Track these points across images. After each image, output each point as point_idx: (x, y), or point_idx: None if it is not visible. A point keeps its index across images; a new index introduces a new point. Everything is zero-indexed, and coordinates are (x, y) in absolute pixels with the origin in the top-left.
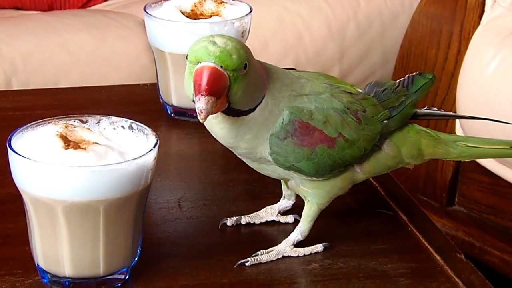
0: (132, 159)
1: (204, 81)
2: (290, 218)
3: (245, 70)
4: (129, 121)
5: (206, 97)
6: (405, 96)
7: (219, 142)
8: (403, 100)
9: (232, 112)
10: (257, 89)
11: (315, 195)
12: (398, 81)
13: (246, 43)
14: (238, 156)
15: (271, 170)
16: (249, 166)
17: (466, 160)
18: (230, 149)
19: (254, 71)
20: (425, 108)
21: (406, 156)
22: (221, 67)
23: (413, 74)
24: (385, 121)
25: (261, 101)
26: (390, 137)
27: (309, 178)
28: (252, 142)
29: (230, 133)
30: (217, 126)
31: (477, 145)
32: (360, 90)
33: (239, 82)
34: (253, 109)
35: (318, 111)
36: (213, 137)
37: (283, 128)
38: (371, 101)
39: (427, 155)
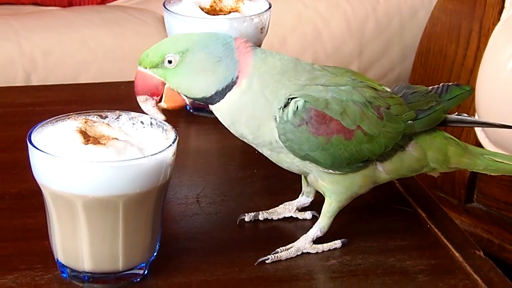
0: (151, 155)
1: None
2: (308, 215)
3: (172, 64)
4: (148, 116)
5: (138, 97)
6: (436, 102)
7: (237, 138)
8: (433, 105)
9: (203, 100)
10: (211, 74)
11: (334, 191)
12: (431, 87)
13: (265, 40)
14: (258, 149)
15: (290, 162)
16: (267, 162)
17: (493, 174)
18: (250, 144)
19: (201, 59)
20: (456, 114)
21: (432, 160)
22: (145, 68)
23: (449, 83)
24: (409, 122)
25: (235, 82)
26: (416, 139)
27: (327, 170)
28: (251, 123)
29: (228, 119)
30: (219, 115)
31: (504, 161)
32: (388, 90)
33: (175, 75)
34: (223, 93)
35: (334, 101)
36: (231, 133)
37: (298, 115)
38: (397, 100)
39: (453, 163)
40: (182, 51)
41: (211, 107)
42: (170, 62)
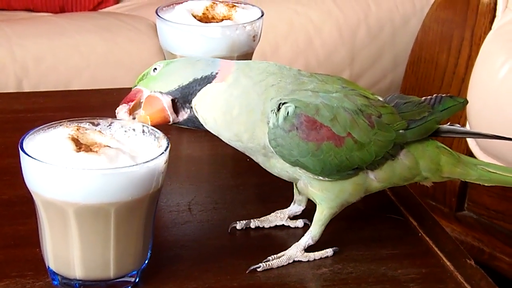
0: (143, 162)
1: None
2: (299, 223)
3: (155, 71)
4: (140, 124)
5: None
6: (428, 112)
7: (229, 145)
8: (425, 116)
9: (181, 93)
10: (189, 68)
11: (324, 198)
12: (424, 98)
13: (257, 47)
14: (252, 155)
15: (281, 168)
16: (259, 170)
17: (486, 184)
18: (243, 149)
19: (181, 62)
20: (448, 124)
21: (424, 169)
22: (134, 86)
23: (443, 95)
24: (401, 131)
25: (214, 76)
26: (407, 147)
27: (316, 177)
28: (245, 120)
29: (218, 115)
30: (207, 117)
31: (498, 172)
32: (381, 99)
33: (155, 78)
34: (202, 83)
35: (325, 107)
36: (223, 141)
37: (288, 121)
38: (389, 110)
39: (446, 173)
40: (168, 63)
41: (195, 108)
42: (155, 70)
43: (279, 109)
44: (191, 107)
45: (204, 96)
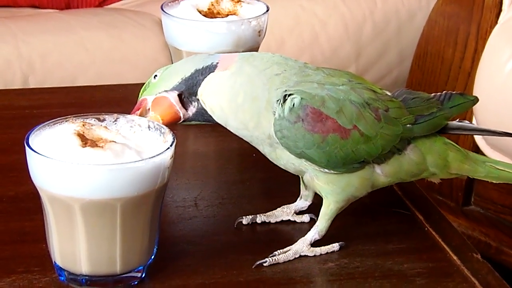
0: (149, 158)
1: None
2: (306, 217)
3: (156, 78)
4: (146, 119)
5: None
6: (437, 108)
7: (234, 141)
8: (434, 112)
9: (185, 85)
10: (188, 62)
11: (330, 191)
12: (433, 94)
13: (262, 42)
14: (258, 146)
15: (287, 160)
16: (265, 165)
17: (494, 182)
18: (249, 139)
19: (180, 63)
20: (457, 120)
21: (431, 164)
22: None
23: (453, 92)
24: (408, 125)
25: (215, 66)
26: (415, 142)
27: (322, 170)
28: (250, 107)
29: (224, 104)
30: (213, 104)
31: (506, 169)
32: (388, 94)
33: (156, 82)
34: (204, 72)
35: (331, 99)
36: (229, 136)
37: (294, 112)
38: (397, 104)
39: (454, 169)
40: (166, 67)
41: (201, 98)
42: (155, 77)
43: (284, 100)
44: (198, 99)
45: (208, 85)
